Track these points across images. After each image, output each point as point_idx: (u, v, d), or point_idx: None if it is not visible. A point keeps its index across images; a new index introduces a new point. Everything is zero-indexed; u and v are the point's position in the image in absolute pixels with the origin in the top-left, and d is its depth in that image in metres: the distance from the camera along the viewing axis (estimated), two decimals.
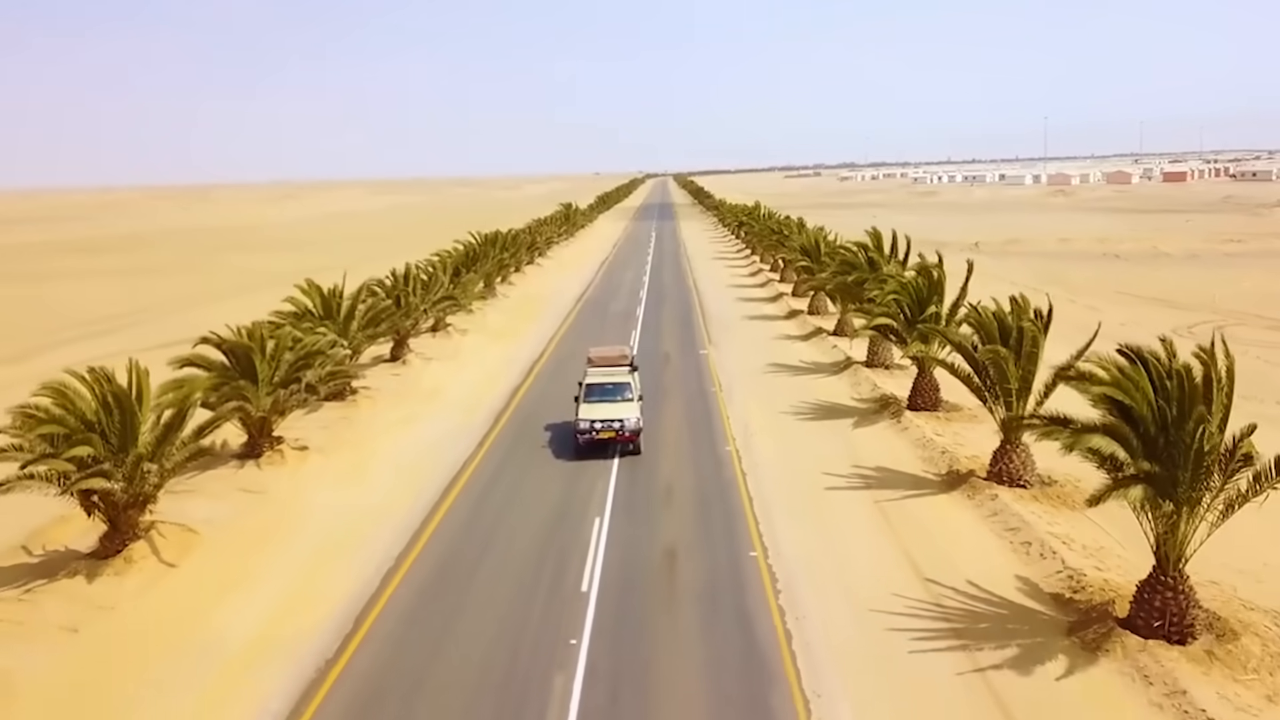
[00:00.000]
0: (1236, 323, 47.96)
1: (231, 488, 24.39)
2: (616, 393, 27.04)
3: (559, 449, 27.49)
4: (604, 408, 26.39)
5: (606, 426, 25.85)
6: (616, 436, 25.96)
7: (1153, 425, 14.95)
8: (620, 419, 26.00)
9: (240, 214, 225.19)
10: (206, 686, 15.19)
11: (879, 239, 38.78)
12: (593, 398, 26.95)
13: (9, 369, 40.22)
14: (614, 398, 26.84)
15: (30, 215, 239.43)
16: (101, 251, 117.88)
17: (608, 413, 26.17)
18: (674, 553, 19.71)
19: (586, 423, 26.01)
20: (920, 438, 27.26)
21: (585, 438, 25.97)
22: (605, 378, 27.85)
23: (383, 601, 18.03)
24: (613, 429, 25.86)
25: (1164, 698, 13.68)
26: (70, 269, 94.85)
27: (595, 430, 25.85)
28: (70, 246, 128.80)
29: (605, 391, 27.04)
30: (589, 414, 26.26)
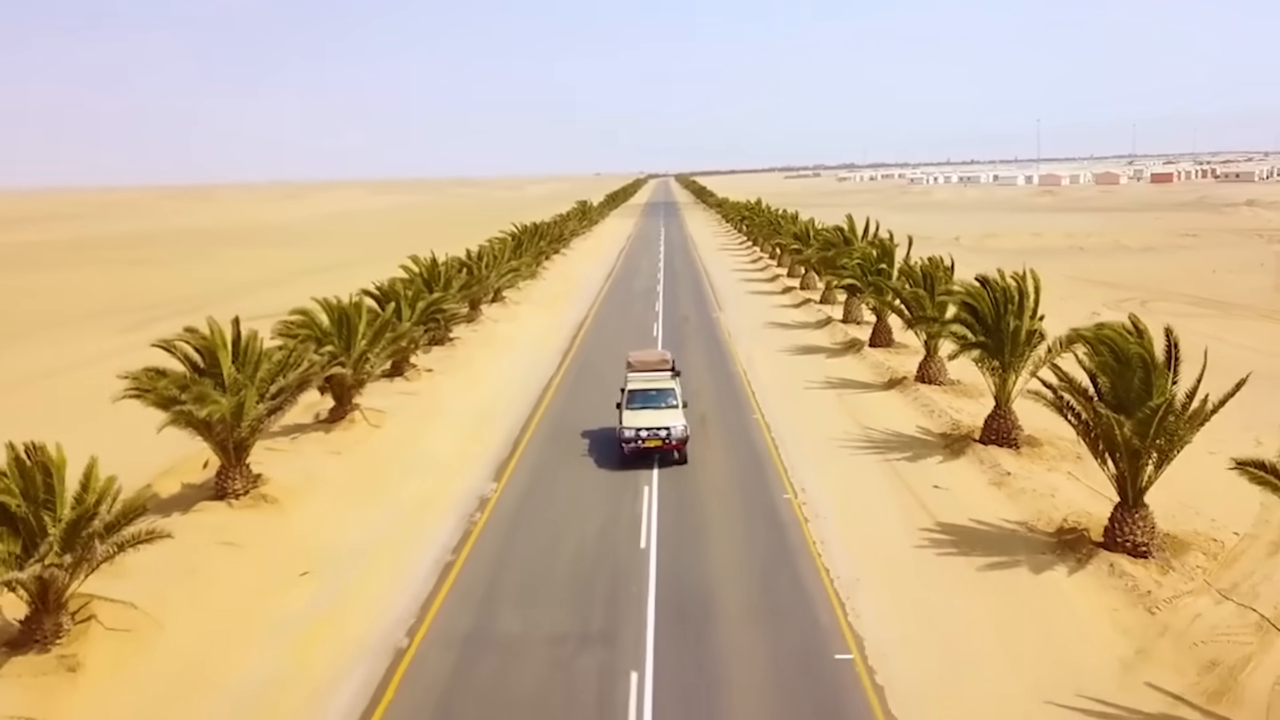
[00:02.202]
0: (1161, 298, 58.48)
1: (393, 391, 35.22)
2: (660, 399, 26.17)
3: (610, 379, 38.23)
4: (648, 415, 25.49)
5: (652, 435, 24.88)
6: (663, 445, 24.92)
7: (989, 318, 25.77)
8: (666, 426, 25.01)
9: (246, 213, 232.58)
10: (435, 476, 25.94)
11: (852, 223, 49.75)
12: (635, 404, 26.03)
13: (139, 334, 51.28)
14: (658, 404, 25.97)
15: (40, 214, 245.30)
16: (129, 246, 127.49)
17: (653, 420, 25.22)
18: (705, 417, 30.43)
19: (631, 430, 25.02)
20: (875, 362, 38.15)
21: (630, 446, 24.99)
22: (648, 384, 27.04)
23: (525, 441, 28.90)
24: (659, 437, 24.88)
25: (989, 469, 24.39)
26: (112, 260, 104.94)
27: (641, 439, 24.88)
28: (98, 242, 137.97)
29: (649, 398, 26.19)
30: (633, 421, 25.26)
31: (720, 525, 21.35)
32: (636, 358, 29.53)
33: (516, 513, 22.73)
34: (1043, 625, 16.40)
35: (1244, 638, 15.53)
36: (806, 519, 21.59)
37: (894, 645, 15.74)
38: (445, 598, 18.09)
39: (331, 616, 17.56)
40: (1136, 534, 18.69)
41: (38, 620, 16.23)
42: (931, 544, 20.08)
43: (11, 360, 46.89)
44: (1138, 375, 18.69)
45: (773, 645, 15.87)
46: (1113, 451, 18.82)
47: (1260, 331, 45.13)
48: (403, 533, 21.66)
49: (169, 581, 18.59)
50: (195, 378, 23.19)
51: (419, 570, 19.46)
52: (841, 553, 19.65)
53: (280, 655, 16.16)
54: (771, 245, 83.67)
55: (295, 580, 19.25)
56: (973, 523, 21.11)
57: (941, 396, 31.92)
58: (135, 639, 16.62)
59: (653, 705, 14.07)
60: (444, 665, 15.55)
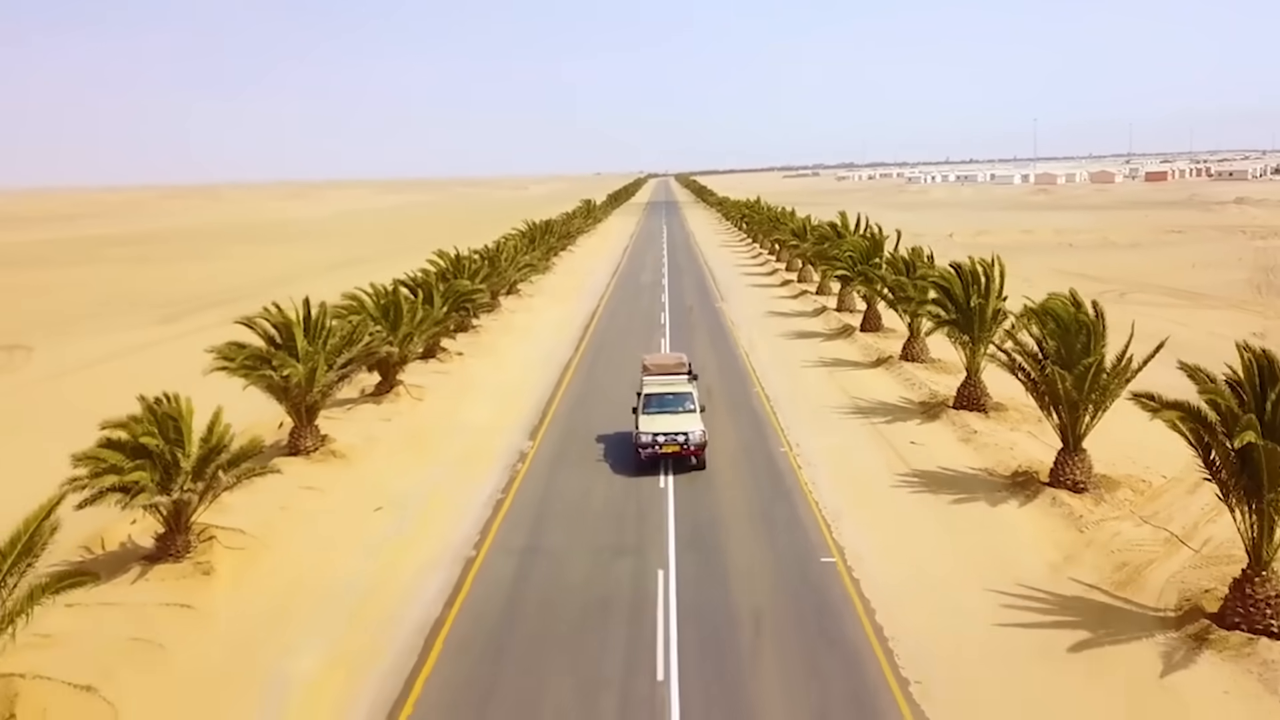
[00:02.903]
0: (1139, 290, 62.17)
1: (428, 371, 38.93)
2: (677, 403, 25.54)
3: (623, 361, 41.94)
4: (665, 420, 24.87)
5: (670, 440, 24.32)
6: (681, 451, 24.38)
7: (960, 299, 29.49)
8: (684, 432, 24.41)
9: (255, 212, 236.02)
10: (477, 437, 29.67)
11: (845, 218, 53.49)
12: (652, 409, 25.45)
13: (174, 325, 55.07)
14: (675, 409, 25.33)
15: (42, 214, 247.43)
16: (143, 245, 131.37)
17: (670, 425, 24.63)
18: (712, 390, 34.10)
19: (648, 436, 24.47)
20: (864, 345, 41.90)
21: (647, 452, 24.49)
22: (665, 388, 26.52)
23: (552, 410, 32.63)
24: (676, 443, 24.31)
25: (960, 429, 28.07)
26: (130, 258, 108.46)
27: (658, 445, 24.36)
28: (112, 241, 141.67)
29: (665, 402, 25.59)
30: (650, 426, 24.70)
31: (727, 471, 25.06)
32: (652, 361, 29.03)
33: (553, 462, 26.52)
34: (992, 541, 20.14)
35: (1153, 549, 19.22)
36: (800, 466, 25.34)
37: (869, 553, 19.51)
38: (501, 523, 21.85)
39: (407, 539, 21.29)
40: (1075, 473, 22.40)
41: (171, 538, 19.94)
42: (905, 485, 23.82)
43: (65, 350, 50.55)
44: (1078, 339, 22.44)
45: (771, 553, 19.63)
46: (1056, 403, 22.52)
47: (1222, 318, 48.77)
48: (456, 479, 25.40)
49: (266, 515, 22.29)
50: (272, 350, 26.95)
51: (475, 505, 23.22)
52: (829, 491, 23.40)
53: (370, 567, 19.87)
54: (771, 241, 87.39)
55: (371, 515, 22.97)
56: (941, 469, 24.84)
57: (923, 372, 35.63)
58: (249, 555, 20.34)
59: (676, 590, 17.83)
60: (507, 568, 19.31)
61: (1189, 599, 16.82)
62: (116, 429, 19.51)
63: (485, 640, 16.42)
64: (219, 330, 34.70)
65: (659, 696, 14.42)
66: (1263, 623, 15.41)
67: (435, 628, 16.94)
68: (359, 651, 16.21)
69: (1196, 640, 15.56)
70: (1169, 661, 15.09)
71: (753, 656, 15.54)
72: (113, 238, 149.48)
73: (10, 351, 51.25)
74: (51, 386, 41.90)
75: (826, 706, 14.09)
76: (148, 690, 15.10)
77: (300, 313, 27.88)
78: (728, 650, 15.67)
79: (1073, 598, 17.40)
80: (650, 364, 28.90)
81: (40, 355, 49.86)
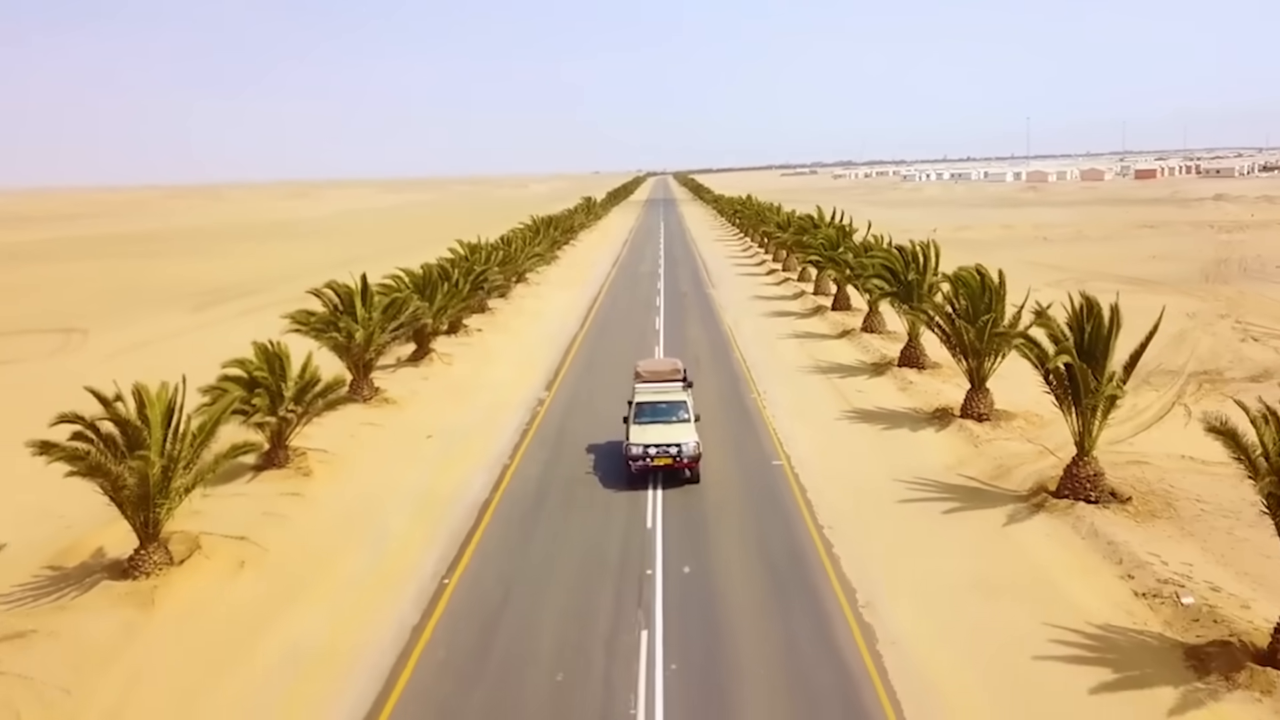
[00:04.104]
0: (1098, 279, 67.96)
1: (453, 344, 44.99)
2: (671, 413, 24.54)
3: (622, 336, 48.03)
4: (657, 430, 23.84)
5: (662, 452, 23.20)
6: (674, 463, 23.23)
7: (901, 275, 35.58)
8: (677, 443, 23.30)
9: (260, 211, 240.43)
10: (502, 390, 35.80)
11: (821, 212, 59.60)
12: (644, 418, 24.47)
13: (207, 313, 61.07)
14: (668, 418, 24.33)
15: (53, 213, 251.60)
16: (160, 241, 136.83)
17: (662, 436, 23.59)
18: (699, 359, 40.15)
19: (639, 447, 23.34)
20: (834, 322, 48.03)
21: (638, 465, 23.33)
22: (657, 396, 25.41)
23: (563, 371, 38.73)
24: (669, 455, 23.20)
25: (899, 381, 34.15)
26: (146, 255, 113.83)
27: (649, 456, 23.23)
28: (124, 239, 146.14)
29: (658, 411, 24.60)
30: (641, 437, 23.61)
31: (708, 408, 31.04)
32: (645, 367, 27.67)
33: (565, 405, 32.73)
34: (906, 452, 26.28)
35: (1026, 457, 25.28)
36: (765, 406, 31.51)
37: (808, 458, 25.72)
38: (528, 445, 28.04)
39: (455, 456, 27.38)
40: (980, 407, 28.49)
41: (275, 451, 26.01)
42: (846, 418, 29.98)
43: (113, 333, 56.37)
44: (982, 301, 28.51)
45: (738, 458, 25.90)
46: (964, 351, 28.60)
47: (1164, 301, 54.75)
48: (489, 417, 31.55)
49: (340, 442, 28.35)
50: (337, 314, 33.05)
51: (506, 433, 29.42)
52: (786, 422, 29.56)
53: (430, 472, 25.95)
54: (759, 234, 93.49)
55: (424, 441, 29.08)
56: (877, 408, 30.98)
57: (878, 341, 41.73)
58: (334, 466, 26.42)
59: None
60: (535, 469, 25.57)
61: (1039, 484, 22.89)
62: (234, 366, 25.59)
63: (524, 511, 22.63)
64: (246, 318, 40.73)
65: (649, 537, 20.63)
66: (1082, 493, 21.47)
67: (484, 506, 23.12)
68: (432, 519, 22.35)
69: (1035, 506, 21.68)
70: (1011, 517, 21.23)
71: (718, 513, 21.76)
72: (121, 236, 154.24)
73: (68, 334, 57.20)
74: (115, 362, 47.78)
75: (766, 540, 20.30)
76: (283, 540, 21.20)
77: (358, 286, 33.96)
78: (700, 511, 21.85)
79: (956, 485, 23.53)
80: (644, 370, 27.30)
81: (94, 338, 55.78)
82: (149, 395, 19.29)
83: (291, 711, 14.58)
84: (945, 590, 17.76)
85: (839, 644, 15.90)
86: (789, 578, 18.56)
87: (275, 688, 15.23)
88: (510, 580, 18.84)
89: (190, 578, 19.07)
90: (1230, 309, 51.45)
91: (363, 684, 15.21)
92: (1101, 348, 21.43)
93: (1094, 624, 16.28)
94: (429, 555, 20.27)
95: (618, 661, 15.57)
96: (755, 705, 14.20)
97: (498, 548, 20.53)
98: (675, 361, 28.69)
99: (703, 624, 16.68)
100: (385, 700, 14.74)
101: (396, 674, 15.48)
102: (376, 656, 16.05)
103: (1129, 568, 18.23)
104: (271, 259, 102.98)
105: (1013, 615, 16.67)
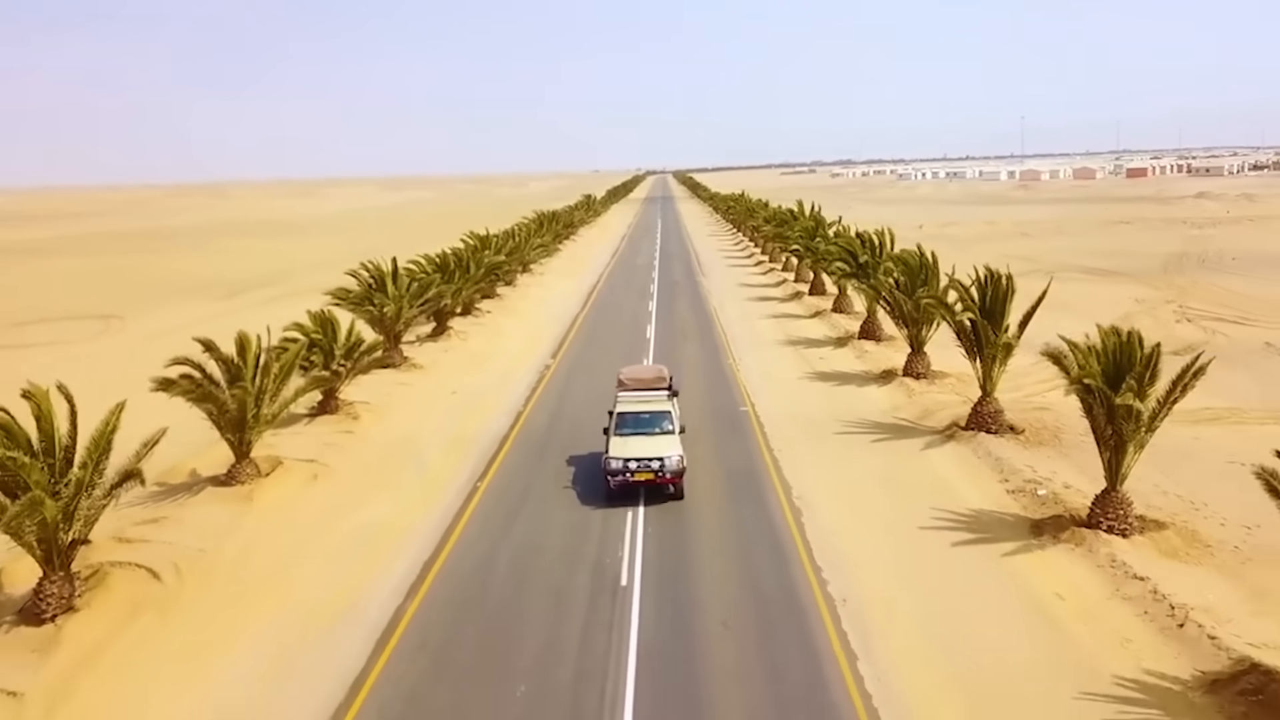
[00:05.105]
0: (1062, 269, 73.13)
1: (467, 323, 50.36)
2: (653, 424, 23.34)
3: (619, 316, 53.34)
4: (639, 443, 22.48)
5: (643, 467, 21.88)
6: (655, 479, 21.97)
7: (861, 258, 40.90)
8: (660, 457, 21.97)
9: (264, 209, 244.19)
10: (514, 357, 41.17)
11: (801, 206, 64.97)
12: (625, 429, 23.16)
13: (231, 301, 66.36)
14: (650, 429, 23.10)
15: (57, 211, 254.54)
16: (171, 238, 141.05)
17: (643, 449, 22.20)
18: (686, 334, 45.41)
19: (619, 461, 21.98)
20: (809, 305, 53.40)
21: (617, 480, 21.99)
22: (640, 405, 24.19)
23: (567, 343, 44.05)
24: (650, 469, 21.89)
25: (857, 351, 39.48)
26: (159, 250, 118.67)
27: (629, 471, 21.87)
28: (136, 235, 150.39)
29: (640, 422, 23.36)
30: (621, 450, 22.24)
31: (691, 373, 36.47)
32: (629, 374, 26.25)
33: (569, 369, 38.19)
34: (850, 400, 31.64)
35: (951, 405, 30.56)
36: (739, 370, 36.95)
37: (769, 404, 31.18)
38: (537, 398, 33.44)
39: (477, 407, 32.71)
40: (918, 368, 33.79)
41: (327, 401, 31.34)
42: (806, 378, 35.38)
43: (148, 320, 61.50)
44: (919, 277, 33.81)
45: (713, 406, 31.33)
46: (904, 319, 33.90)
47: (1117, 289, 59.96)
48: (503, 379, 36.93)
49: (378, 397, 33.66)
50: (371, 291, 38.39)
51: (519, 389, 34.81)
52: (756, 381, 34.95)
53: (456, 420, 31.24)
54: (749, 228, 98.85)
55: (449, 396, 34.42)
56: (834, 371, 36.37)
57: (845, 320, 47.08)
58: (376, 414, 31.73)
59: None
60: (544, 417, 30.96)
61: (953, 421, 28.19)
62: (294, 330, 30.89)
63: (536, 442, 28.04)
64: (270, 305, 45.75)
65: None
66: (984, 426, 26.76)
67: (504, 439, 28.51)
68: (463, 449, 27.69)
69: (946, 436, 27.02)
70: (926, 444, 26.59)
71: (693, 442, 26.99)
72: (130, 233, 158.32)
73: (106, 320, 62.49)
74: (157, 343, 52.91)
75: (730, 458, 25.74)
76: (344, 462, 26.54)
77: (389, 269, 39.33)
78: None
79: (887, 423, 28.89)
80: (626, 378, 26.04)
81: (131, 323, 61.00)
82: (247, 339, 24.59)
83: (368, 564, 19.86)
84: (860, 487, 23.14)
85: (775, 520, 21.27)
86: (744, 481, 23.96)
87: (353, 550, 20.54)
88: (528, 485, 24.23)
89: (276, 486, 24.40)
90: (1177, 296, 56.55)
91: (419, 548, 20.54)
92: (999, 308, 26.75)
93: (969, 508, 21.62)
94: (463, 471, 25.63)
95: (610, 525, 21.11)
96: (711, 554, 19.55)
97: (517, 466, 25.88)
98: (661, 369, 26.98)
99: (675, 511, 22.00)
100: (437, 557, 20.04)
101: (444, 541, 20.83)
102: (428, 531, 21.39)
103: (1007, 474, 23.56)
104: (285, 254, 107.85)
105: (909, 503, 22.00)
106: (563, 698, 14.52)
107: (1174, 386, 19.40)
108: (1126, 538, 19.14)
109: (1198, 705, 13.68)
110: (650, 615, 16.89)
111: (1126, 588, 17.22)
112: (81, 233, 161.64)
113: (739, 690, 14.49)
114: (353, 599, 18.04)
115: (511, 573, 19.05)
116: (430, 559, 19.86)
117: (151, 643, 16.69)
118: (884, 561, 18.93)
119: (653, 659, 15.41)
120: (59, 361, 46.74)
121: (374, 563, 19.78)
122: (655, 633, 16.26)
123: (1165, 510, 20.79)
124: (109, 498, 17.80)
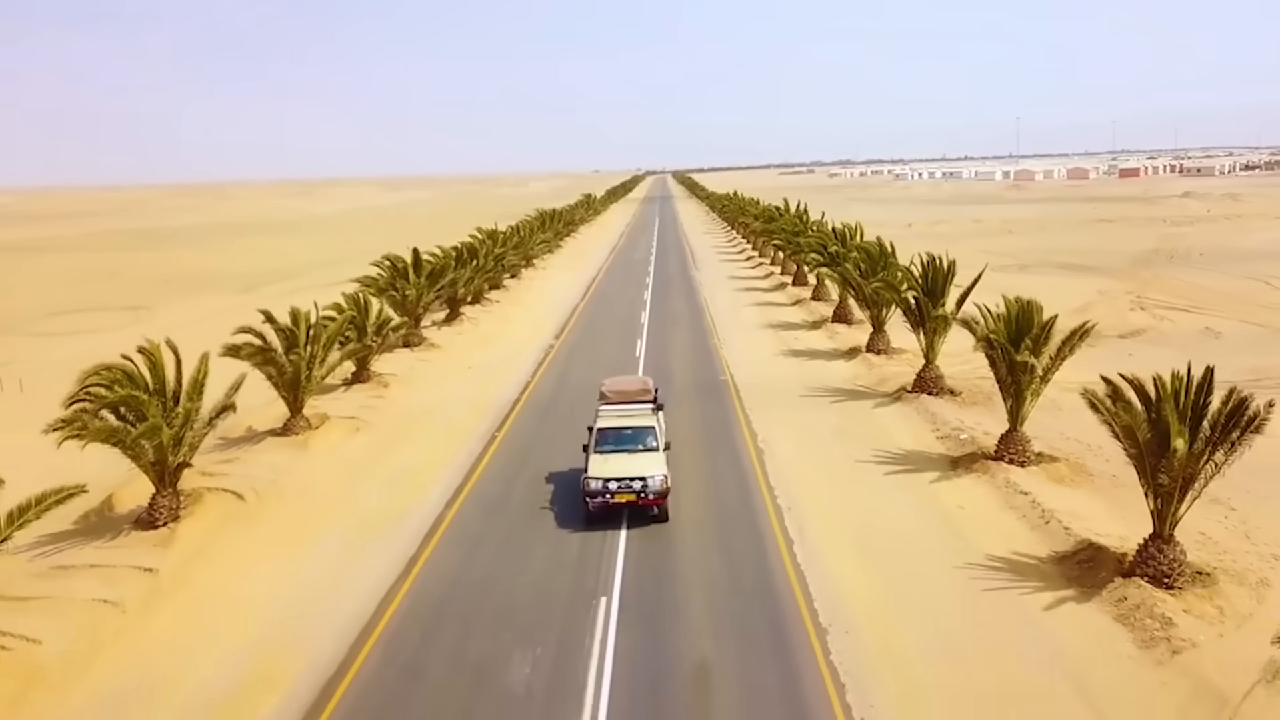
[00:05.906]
0: (1039, 264, 77.78)
1: (477, 311, 54.94)
2: (636, 440, 22.13)
3: (617, 304, 57.85)
4: (620, 461, 21.26)
5: (624, 487, 20.65)
6: (637, 500, 20.72)
7: (831, 248, 45.49)
8: (642, 477, 20.72)
9: (267, 209, 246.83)
10: (522, 340, 45.78)
11: (787, 204, 69.59)
12: (605, 446, 21.95)
13: (250, 295, 70.94)
14: (633, 446, 21.90)
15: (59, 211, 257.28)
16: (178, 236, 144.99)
17: (625, 468, 20.99)
18: (678, 319, 49.99)
19: (598, 482, 20.78)
20: (792, 294, 58.04)
21: (596, 501, 20.79)
22: (622, 420, 22.96)
23: (568, 327, 48.62)
24: (631, 490, 20.65)
25: (830, 333, 44.04)
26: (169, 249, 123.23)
27: (609, 492, 20.67)
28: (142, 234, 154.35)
29: (622, 439, 22.15)
30: (600, 470, 21.03)
31: (680, 352, 41.06)
32: (612, 386, 25.32)
33: (571, 349, 42.85)
34: (817, 372, 36.23)
35: (905, 376, 35.01)
36: (721, 348, 41.58)
37: (745, 375, 35.77)
38: (542, 373, 38.08)
39: (490, 379, 37.29)
40: (879, 344, 38.38)
41: (360, 372, 35.93)
42: (781, 355, 40.02)
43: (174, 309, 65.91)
44: (879, 264, 38.39)
45: (696, 374, 36.04)
46: (867, 303, 38.45)
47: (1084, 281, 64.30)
48: (512, 357, 41.56)
49: (403, 371, 38.24)
50: (394, 278, 42.99)
51: (525, 366, 39.44)
52: (737, 358, 39.55)
53: (473, 389, 35.80)
54: (741, 225, 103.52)
55: (465, 371, 39.01)
56: (806, 349, 40.98)
57: (823, 307, 51.67)
58: (402, 385, 36.30)
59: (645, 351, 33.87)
60: (550, 386, 35.63)
61: (904, 386, 32.73)
62: (331, 309, 35.44)
63: (543, 406, 32.68)
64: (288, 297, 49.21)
65: None
66: (927, 389, 31.31)
67: (515, 403, 33.13)
68: (480, 410, 32.27)
69: (894, 399, 31.62)
70: (875, 405, 31.20)
71: (678, 401, 31.70)
72: (133, 232, 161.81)
73: (135, 311, 66.94)
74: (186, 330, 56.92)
75: (708, 415, 30.36)
76: (380, 419, 31.14)
77: (411, 259, 43.95)
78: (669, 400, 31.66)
79: (846, 389, 33.48)
80: (609, 390, 25.01)
81: (159, 313, 65.43)
82: (300, 313, 29.18)
83: (411, 488, 24.41)
84: (815, 435, 27.75)
85: (742, 457, 25.93)
86: (720, 430, 28.63)
87: (398, 480, 25.14)
88: (536, 435, 28.86)
89: (325, 436, 28.97)
90: (1138, 288, 61.01)
91: (451, 478, 25.12)
92: (940, 287, 31.35)
93: (902, 449, 26.22)
94: (482, 425, 30.25)
95: None
96: (689, 478, 24.11)
97: (528, 423, 30.48)
98: (646, 381, 25.91)
99: None
100: (464, 486, 24.60)
101: (471, 473, 25.43)
102: (455, 469, 25.97)
103: (938, 424, 28.15)
104: (287, 253, 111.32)
105: (852, 447, 26.59)
106: (568, 560, 19.37)
107: (1063, 345, 23.93)
108: (1024, 467, 23.71)
109: (1045, 570, 18.27)
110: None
111: (1013, 500, 21.81)
112: (84, 232, 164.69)
113: (704, 562, 19.18)
114: (401, 512, 22.65)
115: (528, 492, 23.67)
116: (460, 484, 24.48)
117: (244, 542, 21.28)
118: (824, 485, 23.53)
119: (635, 542, 20.09)
120: (100, 346, 51.15)
121: (416, 488, 24.37)
122: (638, 523, 20.92)
123: (1064, 451, 25.32)
124: (208, 427, 22.37)
